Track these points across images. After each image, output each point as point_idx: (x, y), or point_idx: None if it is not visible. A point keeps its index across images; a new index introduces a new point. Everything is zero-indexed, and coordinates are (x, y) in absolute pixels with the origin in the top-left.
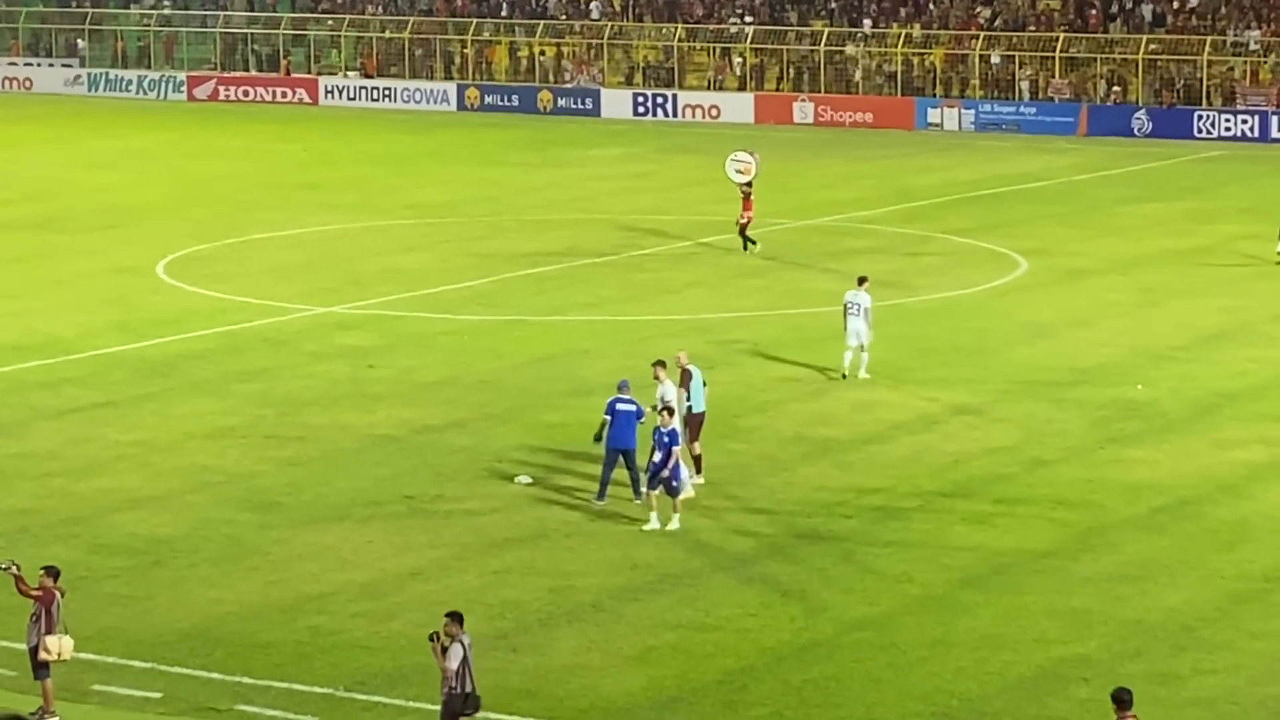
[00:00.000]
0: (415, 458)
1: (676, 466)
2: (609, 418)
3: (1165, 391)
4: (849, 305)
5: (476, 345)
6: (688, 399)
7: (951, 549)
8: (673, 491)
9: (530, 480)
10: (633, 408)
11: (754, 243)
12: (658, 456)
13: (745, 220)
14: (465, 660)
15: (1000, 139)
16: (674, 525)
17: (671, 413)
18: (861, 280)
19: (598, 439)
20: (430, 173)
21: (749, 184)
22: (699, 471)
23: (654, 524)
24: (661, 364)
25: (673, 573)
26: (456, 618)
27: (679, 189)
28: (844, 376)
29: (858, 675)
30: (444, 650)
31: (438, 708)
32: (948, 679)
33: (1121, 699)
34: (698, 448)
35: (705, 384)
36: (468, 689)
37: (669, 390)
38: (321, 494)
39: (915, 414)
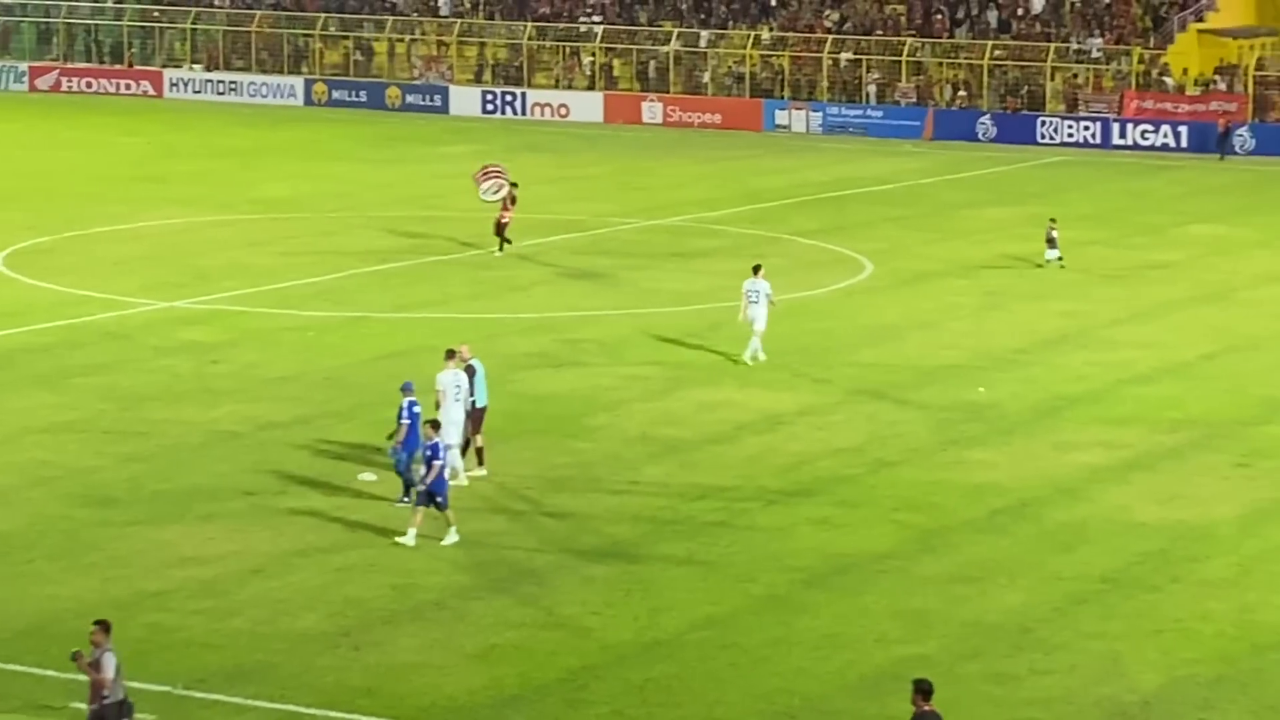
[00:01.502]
0: (258, 454)
1: (441, 480)
2: (408, 422)
3: (1006, 394)
4: (749, 292)
5: (322, 342)
6: (471, 393)
7: (794, 549)
8: (440, 506)
9: (374, 478)
10: (420, 408)
11: (509, 242)
12: (422, 470)
13: (505, 220)
14: (118, 667)
15: (847, 141)
16: (451, 539)
17: (437, 426)
18: (756, 268)
19: (391, 436)
20: (277, 168)
21: (512, 189)
22: (481, 463)
23: (410, 539)
24: (451, 354)
25: (516, 571)
26: (105, 626)
27: (527, 187)
28: (750, 362)
29: (700, 674)
30: (95, 662)
31: (275, 705)
32: (789, 678)
33: (924, 689)
34: (480, 440)
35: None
36: (120, 696)
37: (448, 378)
38: (162, 490)
39: (760, 414)
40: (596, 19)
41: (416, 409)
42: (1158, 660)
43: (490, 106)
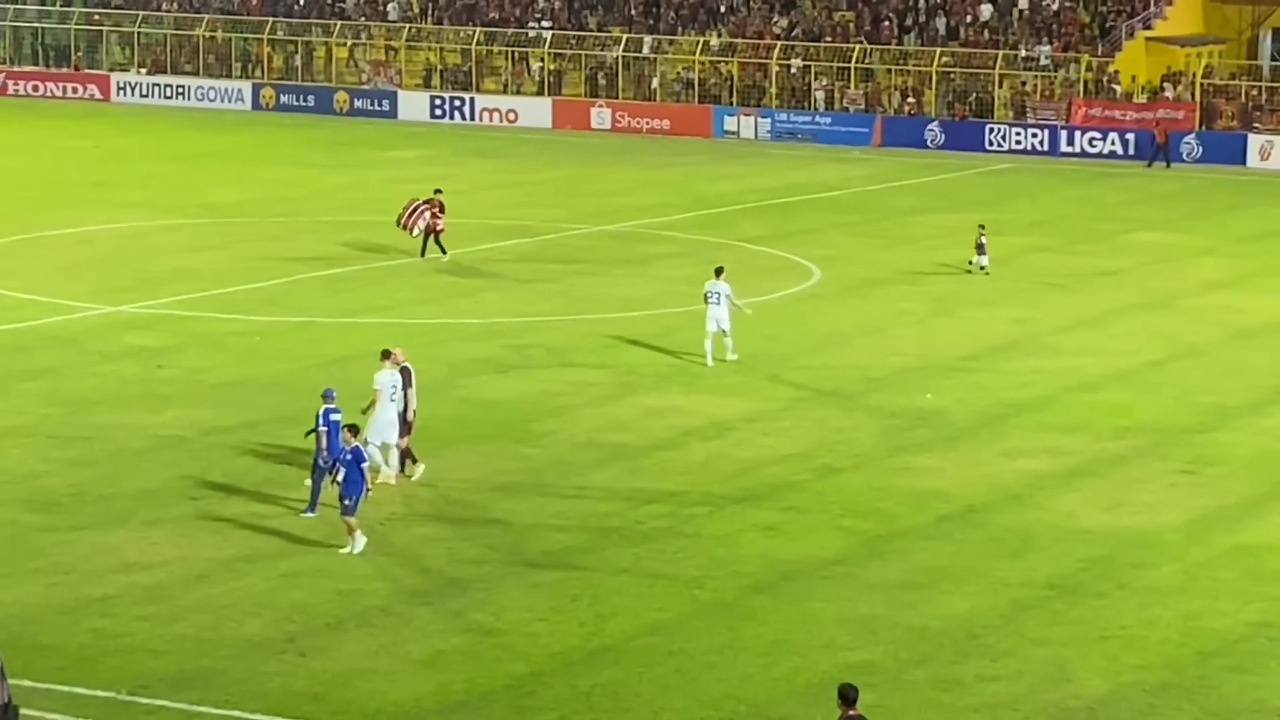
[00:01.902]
0: (204, 459)
1: (358, 484)
2: (325, 429)
3: (953, 401)
4: (709, 294)
5: (269, 346)
6: (407, 395)
7: (741, 555)
8: (347, 511)
9: None
10: (339, 416)
11: (422, 254)
12: (341, 475)
13: (440, 228)
14: (2, 670)
15: (796, 148)
16: (357, 547)
17: (355, 431)
18: (719, 270)
19: (309, 434)
20: (225, 172)
21: (436, 196)
22: (415, 460)
23: (359, 545)
24: (386, 354)
25: (462, 577)
26: None
27: (476, 193)
28: (706, 364)
29: (646, 680)
30: None
31: (220, 711)
32: (736, 684)
33: (847, 695)
34: (405, 442)
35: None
36: (5, 699)
37: (385, 377)
38: (107, 495)
39: (708, 420)
40: (545, 24)
41: (334, 417)
42: (1103, 667)
43: (439, 111)
